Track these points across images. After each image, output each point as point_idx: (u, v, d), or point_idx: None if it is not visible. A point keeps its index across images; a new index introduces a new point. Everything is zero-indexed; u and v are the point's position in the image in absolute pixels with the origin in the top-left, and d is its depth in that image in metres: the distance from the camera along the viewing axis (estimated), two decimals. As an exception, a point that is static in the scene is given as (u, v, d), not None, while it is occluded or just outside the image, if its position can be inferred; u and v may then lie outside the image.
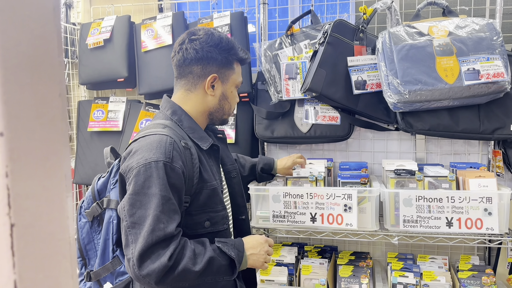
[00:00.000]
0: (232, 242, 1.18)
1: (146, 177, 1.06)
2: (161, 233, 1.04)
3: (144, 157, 1.08)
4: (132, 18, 2.29)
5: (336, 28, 1.88)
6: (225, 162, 1.39)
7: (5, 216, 0.38)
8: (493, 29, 1.77)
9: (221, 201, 1.23)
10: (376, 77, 1.90)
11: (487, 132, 1.85)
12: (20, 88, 0.40)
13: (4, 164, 0.38)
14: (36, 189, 0.41)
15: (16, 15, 0.39)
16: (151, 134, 1.14)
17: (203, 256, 1.09)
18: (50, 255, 0.43)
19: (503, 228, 1.68)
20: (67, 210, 0.44)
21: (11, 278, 0.38)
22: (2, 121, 0.38)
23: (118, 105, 2.31)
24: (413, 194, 1.71)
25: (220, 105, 1.28)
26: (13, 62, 0.39)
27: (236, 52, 1.27)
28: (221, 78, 1.27)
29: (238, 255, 1.16)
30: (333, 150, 2.19)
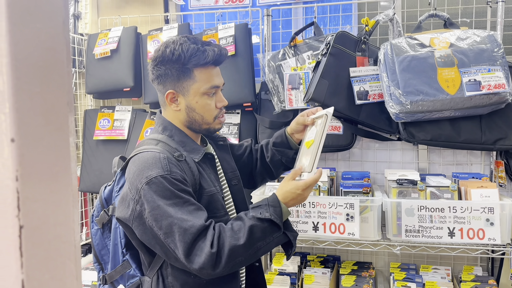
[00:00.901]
0: (265, 202, 1.19)
1: (154, 193, 1.10)
2: (193, 230, 1.07)
3: (145, 175, 1.11)
4: (139, 29, 2.33)
5: (338, 39, 1.91)
6: (226, 170, 1.37)
7: (14, 218, 0.40)
8: (494, 41, 1.79)
9: (222, 207, 1.24)
10: (378, 88, 1.92)
11: (488, 142, 1.86)
12: (31, 97, 0.42)
13: (14, 169, 0.39)
14: (43, 193, 0.43)
15: (28, 28, 0.41)
16: (145, 151, 1.17)
17: (243, 229, 1.12)
18: (56, 256, 0.44)
19: (505, 239, 1.68)
20: (73, 213, 0.46)
21: (19, 277, 0.40)
22: (13, 128, 0.40)
23: (124, 114, 2.35)
24: (415, 204, 1.71)
25: (190, 117, 1.25)
26: (25, 72, 0.41)
27: (195, 59, 1.19)
28: (180, 91, 1.23)
29: (274, 211, 1.16)
30: (335, 159, 2.20)
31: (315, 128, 1.30)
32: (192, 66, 1.20)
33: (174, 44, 1.20)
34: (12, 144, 0.39)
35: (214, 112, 1.26)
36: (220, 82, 1.27)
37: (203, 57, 1.19)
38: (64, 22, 0.45)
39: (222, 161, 1.37)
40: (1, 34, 0.40)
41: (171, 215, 1.08)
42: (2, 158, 0.40)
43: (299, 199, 1.21)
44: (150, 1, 2.45)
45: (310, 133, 1.32)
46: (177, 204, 1.10)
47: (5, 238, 0.40)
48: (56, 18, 0.44)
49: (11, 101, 0.40)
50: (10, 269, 0.40)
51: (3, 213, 0.40)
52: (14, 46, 0.40)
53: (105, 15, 2.50)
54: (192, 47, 1.19)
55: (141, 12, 2.44)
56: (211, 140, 1.41)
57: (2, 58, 0.40)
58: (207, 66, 1.22)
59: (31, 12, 0.42)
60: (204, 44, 1.22)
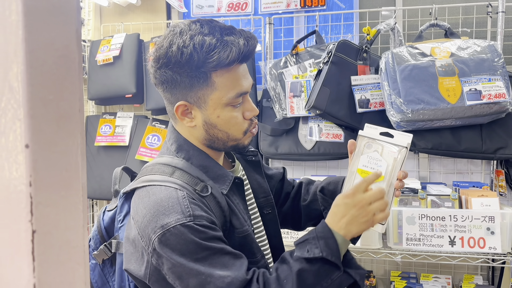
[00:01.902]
0: (313, 234, 0.88)
1: (173, 247, 0.83)
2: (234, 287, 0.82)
3: (159, 224, 0.83)
4: (141, 36, 2.35)
5: (340, 48, 1.93)
6: (257, 194, 1.07)
7: (27, 222, 0.40)
8: (495, 51, 1.81)
9: (258, 249, 0.96)
10: (379, 96, 1.93)
11: (489, 151, 1.87)
12: (44, 104, 0.42)
13: (28, 174, 0.40)
14: (55, 198, 0.43)
15: (43, 37, 0.42)
16: (157, 185, 0.88)
17: (291, 276, 0.84)
18: (66, 261, 0.45)
19: (506, 248, 1.68)
20: (83, 219, 0.47)
21: (31, 281, 0.40)
22: (28, 134, 0.40)
23: (126, 120, 2.36)
24: (416, 212, 1.72)
25: (211, 135, 0.94)
26: (39, 80, 0.42)
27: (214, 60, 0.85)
28: (194, 103, 0.91)
29: (326, 246, 0.85)
30: (337, 167, 2.21)
31: (379, 157, 0.95)
32: (209, 70, 0.86)
33: (182, 37, 0.85)
34: (26, 150, 0.40)
35: (243, 126, 0.94)
36: (249, 85, 0.93)
37: (224, 56, 0.84)
38: (77, 30, 0.46)
39: (252, 183, 1.07)
40: (18, 42, 0.40)
41: (201, 271, 0.81)
42: (16, 163, 0.41)
43: (353, 213, 0.87)
44: (153, 9, 2.47)
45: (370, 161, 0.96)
46: (207, 257, 0.83)
47: (18, 242, 0.40)
48: (70, 26, 0.45)
49: (26, 108, 0.41)
50: (22, 273, 0.40)
51: (16, 218, 0.40)
52: (30, 54, 0.40)
53: (107, 22, 2.52)
54: (208, 41, 0.84)
55: (143, 19, 2.46)
56: (238, 154, 1.10)
57: (19, 66, 0.41)
58: (230, 66, 0.87)
59: (46, 22, 0.42)
60: (224, 33, 0.86)
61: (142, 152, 2.24)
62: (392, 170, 0.93)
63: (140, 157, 2.24)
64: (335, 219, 0.88)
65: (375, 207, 0.88)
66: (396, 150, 0.94)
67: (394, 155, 0.94)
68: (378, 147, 0.96)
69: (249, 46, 0.87)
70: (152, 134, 2.27)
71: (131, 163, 2.27)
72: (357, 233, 0.88)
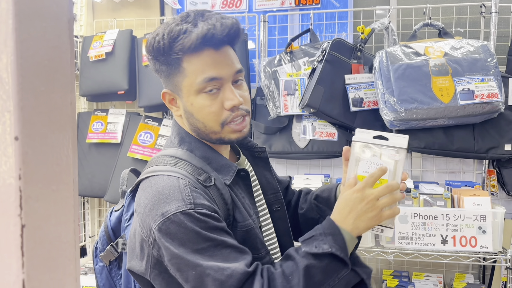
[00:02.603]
0: (320, 230, 0.85)
1: (173, 236, 0.82)
2: (234, 281, 0.79)
3: (160, 212, 0.83)
4: (134, 32, 2.33)
5: (334, 46, 1.93)
6: (266, 190, 1.05)
7: (16, 217, 0.39)
8: (488, 51, 1.82)
9: (262, 244, 0.93)
10: (373, 95, 1.94)
11: (481, 151, 1.88)
12: (35, 96, 0.41)
13: (17, 167, 0.39)
14: (45, 192, 0.42)
15: (34, 27, 0.41)
16: (159, 174, 0.88)
17: (297, 272, 0.82)
18: (56, 256, 0.44)
19: (497, 247, 1.69)
20: (74, 214, 0.46)
21: (19, 277, 0.39)
22: (18, 126, 0.39)
23: (118, 117, 2.34)
24: (409, 211, 1.73)
25: (191, 124, 0.93)
26: (30, 71, 0.41)
27: (178, 45, 0.85)
28: (174, 90, 0.92)
29: (335, 241, 0.83)
30: (330, 166, 2.21)
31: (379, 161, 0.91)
32: (178, 55, 0.86)
33: (161, 28, 0.88)
34: (16, 142, 0.39)
35: (220, 116, 0.89)
36: (225, 72, 0.88)
37: (186, 41, 0.84)
38: (69, 21, 0.44)
39: (260, 179, 1.05)
40: (8, 32, 0.39)
41: (200, 263, 0.80)
42: (5, 156, 0.40)
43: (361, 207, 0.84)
44: (146, 5, 2.45)
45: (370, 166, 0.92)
46: (207, 249, 0.81)
47: (7, 237, 0.40)
48: (61, 17, 0.44)
49: (16, 99, 0.40)
50: (11, 269, 0.39)
51: (5, 212, 0.39)
52: (20, 44, 0.39)
53: (100, 17, 2.50)
54: (177, 29, 0.85)
55: (136, 15, 2.44)
56: (246, 150, 1.08)
57: (8, 56, 0.40)
58: (200, 52, 0.86)
59: (37, 11, 0.41)
60: (198, 20, 0.86)
61: (134, 150, 2.23)
62: (394, 173, 0.91)
63: (132, 155, 2.22)
64: (342, 215, 0.86)
65: (384, 203, 0.85)
66: (395, 152, 0.92)
67: (394, 157, 0.91)
68: (376, 151, 0.93)
69: (215, 30, 0.84)
70: (144, 131, 2.25)
71: (123, 160, 2.25)
72: (364, 229, 0.86)
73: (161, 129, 2.26)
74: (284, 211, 1.07)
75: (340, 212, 0.86)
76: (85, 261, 2.41)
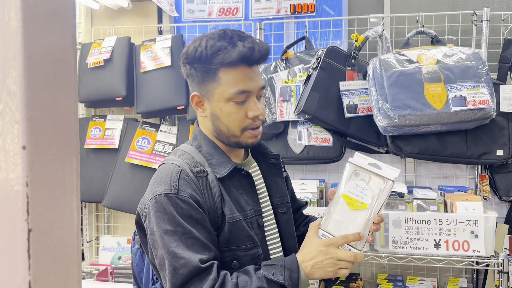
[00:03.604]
0: (281, 262, 0.98)
1: (154, 213, 0.95)
2: (185, 270, 0.90)
3: (152, 191, 0.97)
4: (132, 40, 2.36)
5: (329, 54, 1.96)
6: (273, 193, 1.13)
7: (23, 221, 0.41)
8: (479, 58, 1.86)
9: (249, 237, 1.01)
10: (367, 102, 1.97)
11: (474, 156, 1.92)
12: (41, 107, 0.44)
13: (25, 174, 0.41)
14: (50, 198, 0.44)
15: (40, 43, 0.43)
16: (165, 163, 1.04)
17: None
18: (60, 259, 0.46)
19: (489, 251, 1.72)
20: (76, 218, 0.48)
21: (26, 279, 0.41)
22: (25, 136, 0.42)
23: (115, 123, 2.36)
24: (402, 215, 1.75)
25: (215, 126, 1.05)
26: (37, 83, 0.43)
27: (219, 57, 0.98)
28: (204, 95, 1.04)
29: (290, 276, 0.94)
30: (325, 171, 2.24)
31: (365, 186, 0.99)
32: (217, 66, 1.00)
33: (201, 39, 1.02)
34: (24, 151, 0.41)
35: (243, 123, 1.02)
36: (253, 86, 1.02)
37: (228, 55, 0.98)
38: (73, 36, 0.47)
39: (270, 182, 1.14)
40: (16, 47, 0.42)
41: (165, 245, 0.92)
42: (13, 164, 0.42)
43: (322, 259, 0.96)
44: (144, 12, 2.48)
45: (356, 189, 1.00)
46: (176, 232, 0.92)
47: (14, 240, 0.42)
48: (66, 32, 0.47)
49: (23, 111, 0.42)
50: (18, 271, 0.41)
51: (13, 217, 0.41)
52: (28, 58, 0.42)
53: (98, 25, 2.52)
54: (219, 44, 0.98)
55: (134, 22, 2.47)
56: (262, 156, 1.17)
57: (17, 70, 0.42)
58: (235, 66, 0.99)
59: (44, 27, 0.44)
60: (237, 39, 1.00)
61: (132, 155, 2.25)
62: (376, 201, 0.97)
63: (130, 160, 2.24)
64: (305, 258, 0.97)
65: (342, 265, 0.96)
66: (382, 182, 0.97)
67: (380, 186, 0.97)
68: (365, 176, 0.99)
69: (253, 50, 0.98)
70: (142, 137, 2.27)
71: (121, 166, 2.27)
72: (318, 277, 0.98)
73: (158, 135, 2.28)
74: (290, 215, 1.15)
75: (304, 255, 0.98)
76: (83, 265, 2.42)
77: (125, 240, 2.36)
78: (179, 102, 2.17)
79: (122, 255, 2.34)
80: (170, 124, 2.35)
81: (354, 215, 0.98)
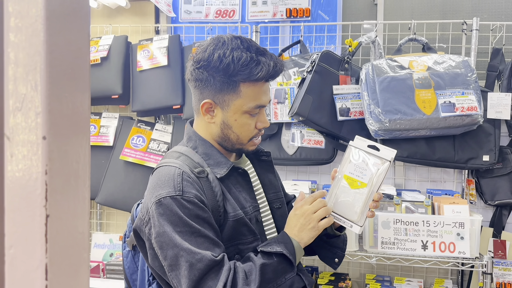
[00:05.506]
0: (274, 239, 1.05)
1: (160, 216, 0.96)
2: (201, 265, 0.93)
3: (155, 194, 0.98)
4: (129, 39, 2.38)
5: (323, 58, 2.00)
6: (268, 190, 1.18)
7: (42, 207, 0.44)
8: (468, 66, 1.92)
9: (250, 231, 1.06)
10: (359, 105, 2.02)
11: (461, 161, 1.97)
12: (60, 100, 0.47)
13: (44, 163, 0.44)
14: (66, 187, 0.47)
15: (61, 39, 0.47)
16: (163, 165, 1.04)
17: (254, 270, 0.98)
18: (73, 245, 0.49)
19: (474, 253, 1.77)
20: (87, 207, 0.51)
21: (43, 261, 0.44)
22: (45, 127, 0.45)
23: (111, 120, 2.38)
24: (391, 217, 1.80)
25: (224, 134, 1.07)
26: (56, 78, 0.46)
27: (245, 73, 1.00)
28: (219, 103, 1.05)
29: (286, 247, 1.01)
30: (317, 172, 2.28)
31: (365, 167, 1.06)
32: (239, 80, 1.01)
33: (224, 48, 1.01)
34: (44, 141, 0.44)
35: (252, 133, 1.08)
36: (267, 100, 1.08)
37: (255, 72, 1.00)
38: (88, 34, 0.50)
39: (263, 179, 1.19)
40: (39, 44, 0.45)
41: (177, 244, 0.94)
42: (34, 153, 0.45)
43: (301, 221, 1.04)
44: (141, 12, 2.50)
45: (356, 169, 1.07)
46: (185, 232, 0.95)
47: (33, 225, 0.45)
48: (83, 30, 0.50)
49: (44, 104, 0.45)
50: (36, 253, 0.44)
51: (32, 203, 0.44)
52: (50, 54, 0.45)
53: (96, 23, 2.54)
54: (245, 57, 0.99)
55: (132, 22, 2.49)
56: (253, 154, 1.20)
57: (40, 65, 0.45)
58: (257, 82, 1.03)
59: (64, 25, 0.47)
60: (258, 53, 1.02)
61: (127, 153, 2.27)
62: (375, 180, 1.04)
63: (125, 158, 2.26)
64: (289, 228, 1.06)
65: (318, 215, 1.05)
66: (380, 162, 1.05)
67: (378, 166, 1.05)
68: (365, 157, 1.07)
69: (277, 68, 1.04)
70: (137, 135, 2.29)
71: (115, 163, 2.29)
72: (308, 239, 1.04)
73: (153, 133, 2.30)
74: (284, 209, 1.20)
75: (288, 226, 1.07)
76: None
77: (117, 237, 2.38)
78: (175, 102, 2.20)
79: (114, 252, 2.35)
80: (165, 123, 2.38)
81: (355, 194, 1.06)
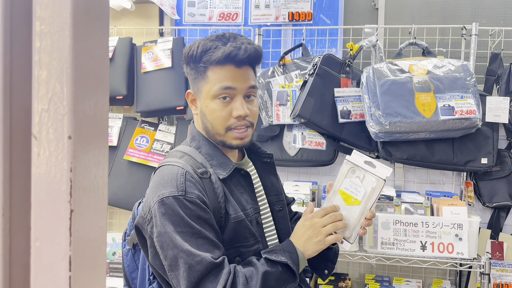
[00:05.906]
0: (279, 247, 1.04)
1: (162, 215, 0.95)
2: (200, 267, 0.93)
3: (157, 194, 0.98)
4: (134, 41, 2.41)
5: (325, 61, 2.04)
6: (269, 192, 1.17)
7: (67, 203, 0.47)
8: (467, 70, 1.95)
9: (252, 234, 1.05)
10: (360, 108, 2.05)
11: (459, 164, 2.01)
12: (84, 102, 0.50)
13: (69, 161, 0.47)
14: (88, 183, 0.51)
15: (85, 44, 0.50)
16: (167, 164, 1.04)
17: (256, 276, 0.97)
18: (94, 239, 0.52)
19: (472, 253, 1.81)
20: (106, 203, 0.54)
21: (67, 254, 0.47)
22: (71, 127, 0.48)
23: (115, 121, 2.41)
24: (391, 218, 1.83)
25: (203, 124, 1.08)
26: (81, 81, 0.49)
27: (206, 57, 1.02)
28: (196, 92, 1.08)
29: (291, 256, 1.00)
30: (318, 174, 2.31)
31: (360, 183, 1.05)
32: (206, 65, 1.03)
33: (199, 40, 1.06)
34: (69, 140, 0.47)
35: (227, 122, 1.03)
36: (238, 85, 1.03)
37: (214, 54, 1.01)
38: (107, 39, 0.53)
39: (265, 181, 1.18)
40: (65, 49, 0.48)
41: (177, 245, 0.93)
42: (60, 152, 0.48)
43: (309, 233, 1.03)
44: (146, 14, 2.54)
45: (351, 185, 1.07)
46: (186, 233, 0.95)
47: (58, 219, 0.48)
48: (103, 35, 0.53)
49: (70, 105, 0.48)
50: (60, 246, 0.47)
51: (58, 198, 0.48)
52: (75, 59, 0.48)
53: (100, 24, 2.56)
54: (210, 44, 1.02)
55: (136, 24, 2.52)
56: (255, 156, 1.20)
57: (66, 68, 0.48)
58: (223, 65, 1.02)
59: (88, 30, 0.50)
60: (232, 40, 1.03)
61: (130, 153, 2.30)
62: (368, 198, 1.04)
63: (128, 158, 2.29)
64: (295, 238, 1.05)
65: (326, 230, 1.03)
66: (374, 180, 1.04)
67: (372, 184, 1.04)
68: (360, 174, 1.06)
69: (238, 51, 1.00)
70: (140, 135, 2.32)
71: (119, 163, 2.32)
72: (312, 251, 1.03)
73: (157, 133, 2.33)
74: (285, 212, 1.20)
75: (295, 235, 1.06)
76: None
77: (120, 236, 2.41)
78: (178, 103, 2.23)
79: (117, 251, 2.38)
80: (169, 123, 2.41)
81: (349, 210, 1.06)
